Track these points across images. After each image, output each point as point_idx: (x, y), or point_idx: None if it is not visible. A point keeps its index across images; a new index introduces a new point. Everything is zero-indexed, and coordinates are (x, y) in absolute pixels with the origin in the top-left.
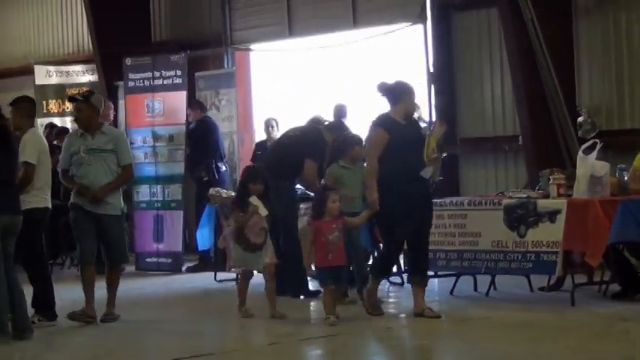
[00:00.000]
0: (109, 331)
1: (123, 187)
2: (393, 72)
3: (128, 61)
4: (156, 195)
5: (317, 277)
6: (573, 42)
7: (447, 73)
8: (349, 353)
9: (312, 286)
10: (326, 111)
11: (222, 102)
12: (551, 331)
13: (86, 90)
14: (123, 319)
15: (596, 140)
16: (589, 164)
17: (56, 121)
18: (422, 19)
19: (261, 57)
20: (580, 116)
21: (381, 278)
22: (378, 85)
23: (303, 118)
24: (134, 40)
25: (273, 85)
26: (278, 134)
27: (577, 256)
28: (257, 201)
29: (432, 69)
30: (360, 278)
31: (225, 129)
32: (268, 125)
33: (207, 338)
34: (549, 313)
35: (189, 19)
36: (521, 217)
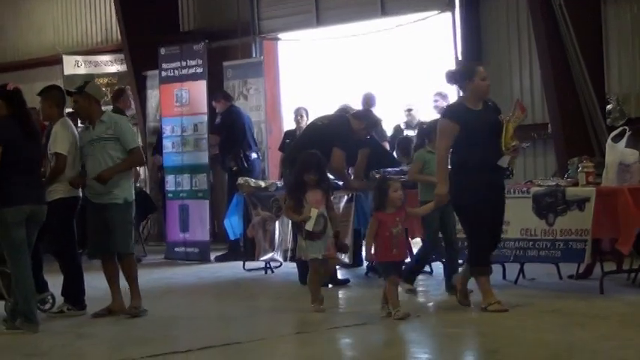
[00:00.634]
0: (138, 320)
1: (132, 171)
2: (421, 61)
3: (162, 50)
4: (182, 185)
5: (378, 270)
6: (602, 29)
7: (475, 60)
8: (377, 342)
9: (341, 274)
10: (354, 100)
11: (250, 91)
12: (580, 318)
13: (84, 81)
14: (152, 307)
15: (625, 128)
16: (618, 152)
17: None
18: (450, 7)
19: (289, 46)
20: (609, 104)
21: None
22: (445, 74)
23: (331, 107)
24: (162, 29)
25: (301, 74)
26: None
27: (606, 244)
28: (314, 212)
29: (460, 57)
30: (450, 268)
31: (254, 118)
32: (298, 114)
33: (235, 327)
34: (578, 301)
35: (217, 8)
36: (550, 205)
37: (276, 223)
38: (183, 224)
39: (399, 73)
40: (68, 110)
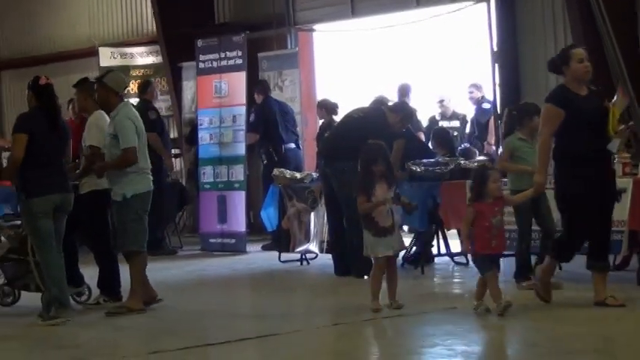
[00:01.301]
0: (173, 311)
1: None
2: (455, 52)
3: (199, 42)
4: (219, 176)
5: (476, 264)
6: (638, 17)
7: (510, 52)
8: (414, 333)
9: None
10: (389, 91)
11: (285, 83)
12: (616, 310)
13: (106, 71)
14: (186, 299)
15: None
16: None
17: None
18: None
19: (324, 37)
20: None
21: (559, 261)
22: (547, 64)
23: (366, 98)
24: (198, 21)
25: (336, 65)
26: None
27: None
28: (384, 192)
29: (495, 47)
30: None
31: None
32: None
33: (271, 319)
34: (614, 293)
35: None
36: None
37: (312, 214)
38: (221, 215)
39: (433, 65)
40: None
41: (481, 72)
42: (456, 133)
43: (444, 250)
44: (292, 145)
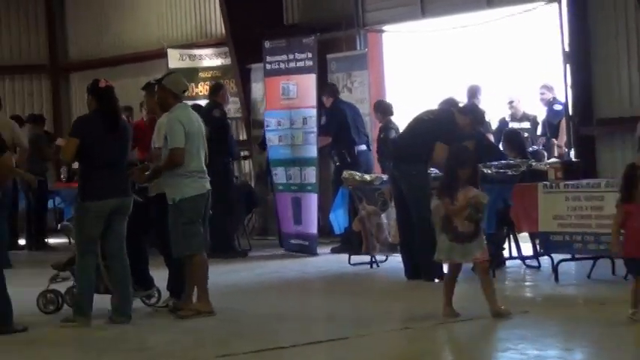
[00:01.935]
0: (242, 314)
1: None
2: (526, 53)
3: (267, 43)
4: (292, 178)
5: (627, 267)
6: None
7: (583, 52)
8: (486, 338)
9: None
10: (459, 92)
11: (354, 84)
12: None
13: (167, 72)
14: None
15: None
16: None
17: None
18: None
19: (393, 38)
20: None
21: None
22: None
23: (436, 100)
24: (266, 23)
25: (406, 66)
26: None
27: None
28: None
29: (567, 48)
30: None
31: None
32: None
33: (341, 322)
34: None
35: (321, 0)
36: None
37: (382, 216)
38: (295, 217)
39: (503, 66)
40: None
41: (552, 73)
42: (526, 135)
43: (515, 253)
44: (363, 146)
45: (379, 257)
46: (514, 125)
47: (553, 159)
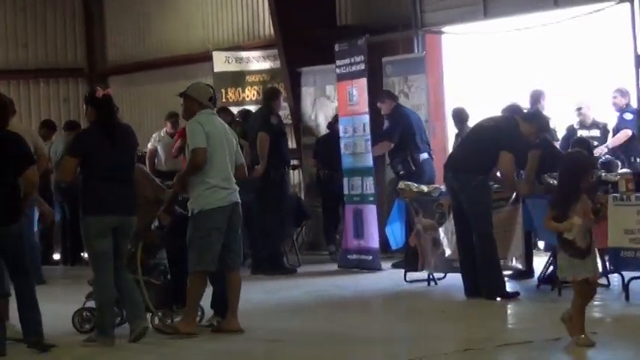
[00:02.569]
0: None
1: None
2: (596, 55)
3: (337, 47)
4: (354, 188)
5: None
6: None
7: None
8: None
9: (510, 286)
10: (522, 97)
11: (411, 89)
12: None
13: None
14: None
15: None
16: None
17: (234, 110)
18: None
19: (453, 40)
20: None
21: None
22: None
23: (498, 105)
24: (318, 24)
25: (467, 70)
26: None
27: None
28: (577, 220)
29: (639, 51)
30: None
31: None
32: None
33: (396, 344)
34: None
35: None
36: None
37: (440, 230)
38: (356, 230)
39: (572, 69)
40: None
41: (624, 77)
42: (596, 143)
43: None
44: (426, 155)
45: (437, 274)
46: (583, 133)
47: (624, 169)
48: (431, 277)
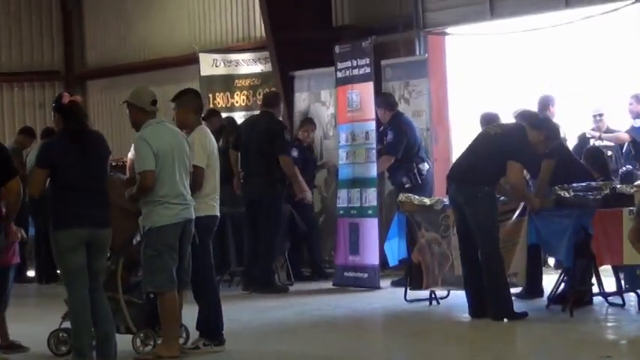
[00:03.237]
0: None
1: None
2: (610, 58)
3: (337, 49)
4: (352, 201)
5: None
6: None
7: None
8: None
9: (517, 306)
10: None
11: (412, 94)
12: None
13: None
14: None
15: None
16: None
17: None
18: None
19: (458, 42)
20: None
21: None
22: None
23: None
24: (312, 24)
25: (471, 74)
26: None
27: None
28: None
29: None
30: None
31: (416, 125)
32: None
33: None
34: None
35: None
36: None
37: (444, 245)
38: (352, 246)
39: (584, 73)
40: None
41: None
42: (610, 153)
43: (596, 289)
44: (427, 165)
45: (440, 292)
46: (596, 142)
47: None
48: (433, 295)
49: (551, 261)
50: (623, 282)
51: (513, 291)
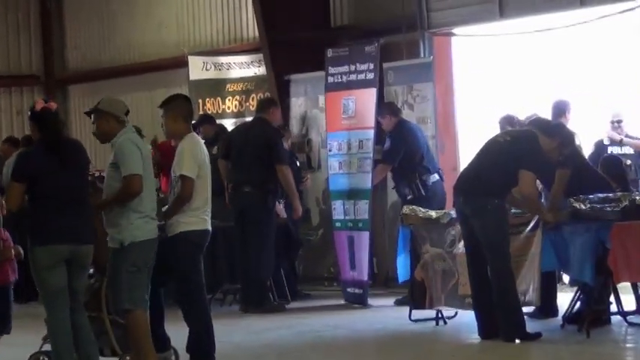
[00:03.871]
0: None
1: (123, 204)
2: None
3: (329, 52)
4: (348, 213)
5: None
6: None
7: None
8: None
9: (530, 327)
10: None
11: (416, 99)
12: None
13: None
14: None
15: None
16: None
17: None
18: None
19: (465, 43)
20: None
21: None
22: None
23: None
24: (309, 25)
25: (480, 77)
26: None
27: None
28: None
29: None
30: None
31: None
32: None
33: None
34: None
35: None
36: None
37: (449, 262)
38: (351, 260)
39: (599, 76)
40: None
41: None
42: (629, 162)
43: (614, 308)
44: (436, 176)
45: (447, 312)
46: (614, 150)
47: None
48: (439, 315)
49: (566, 278)
50: None
51: (526, 310)
